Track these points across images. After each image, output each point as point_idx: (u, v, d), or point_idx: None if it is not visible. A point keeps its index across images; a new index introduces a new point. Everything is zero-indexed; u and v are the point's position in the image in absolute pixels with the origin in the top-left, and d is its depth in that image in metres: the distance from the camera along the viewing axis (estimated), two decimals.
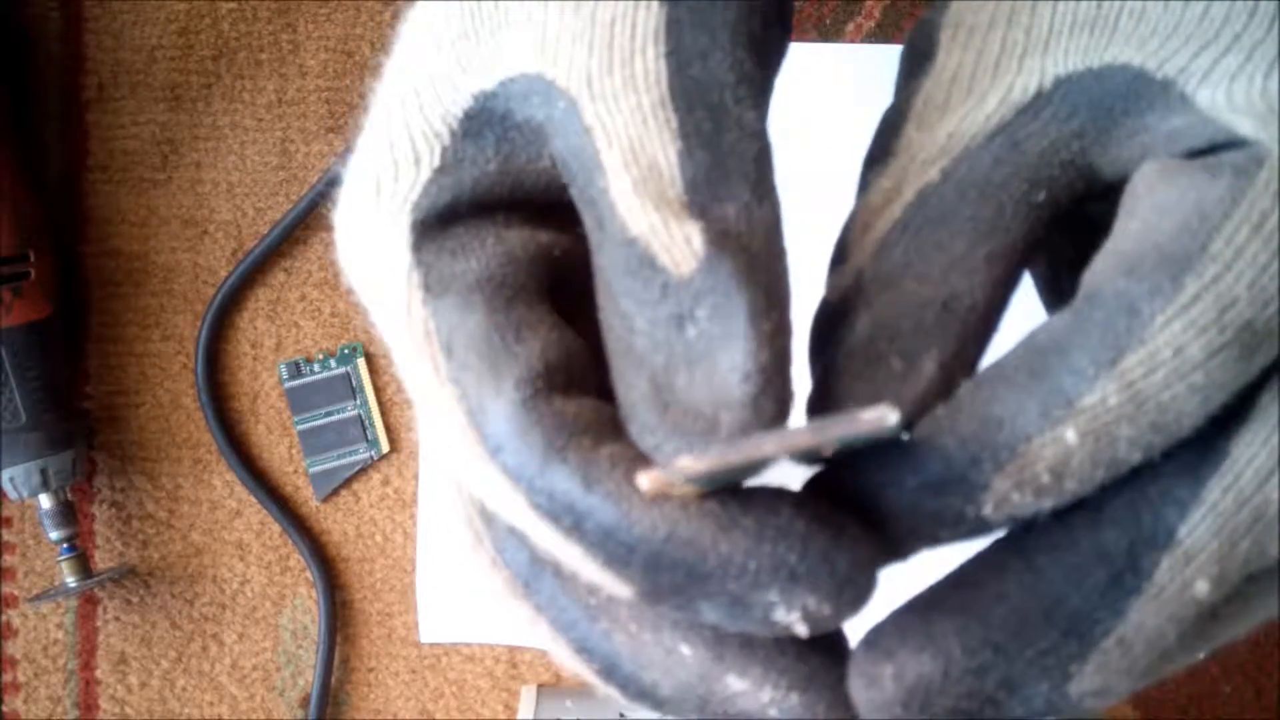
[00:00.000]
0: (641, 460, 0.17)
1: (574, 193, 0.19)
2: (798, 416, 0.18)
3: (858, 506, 0.18)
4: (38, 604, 0.46)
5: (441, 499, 0.46)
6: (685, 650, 0.18)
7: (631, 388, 0.18)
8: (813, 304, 0.22)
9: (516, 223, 0.20)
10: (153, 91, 0.46)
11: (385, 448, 0.46)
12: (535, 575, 0.19)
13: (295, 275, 0.46)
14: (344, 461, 0.46)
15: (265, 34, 0.46)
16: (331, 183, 0.45)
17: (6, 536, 0.46)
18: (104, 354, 0.46)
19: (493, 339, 0.18)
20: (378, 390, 0.46)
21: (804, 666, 0.18)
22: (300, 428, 0.46)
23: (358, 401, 0.46)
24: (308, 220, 0.46)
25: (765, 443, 0.16)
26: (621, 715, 0.44)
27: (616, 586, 0.17)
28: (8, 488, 0.42)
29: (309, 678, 0.46)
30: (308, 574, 0.46)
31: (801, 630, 0.17)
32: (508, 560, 0.19)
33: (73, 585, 0.43)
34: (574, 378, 0.18)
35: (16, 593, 0.46)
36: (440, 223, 0.19)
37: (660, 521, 0.17)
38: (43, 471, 0.43)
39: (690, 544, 0.17)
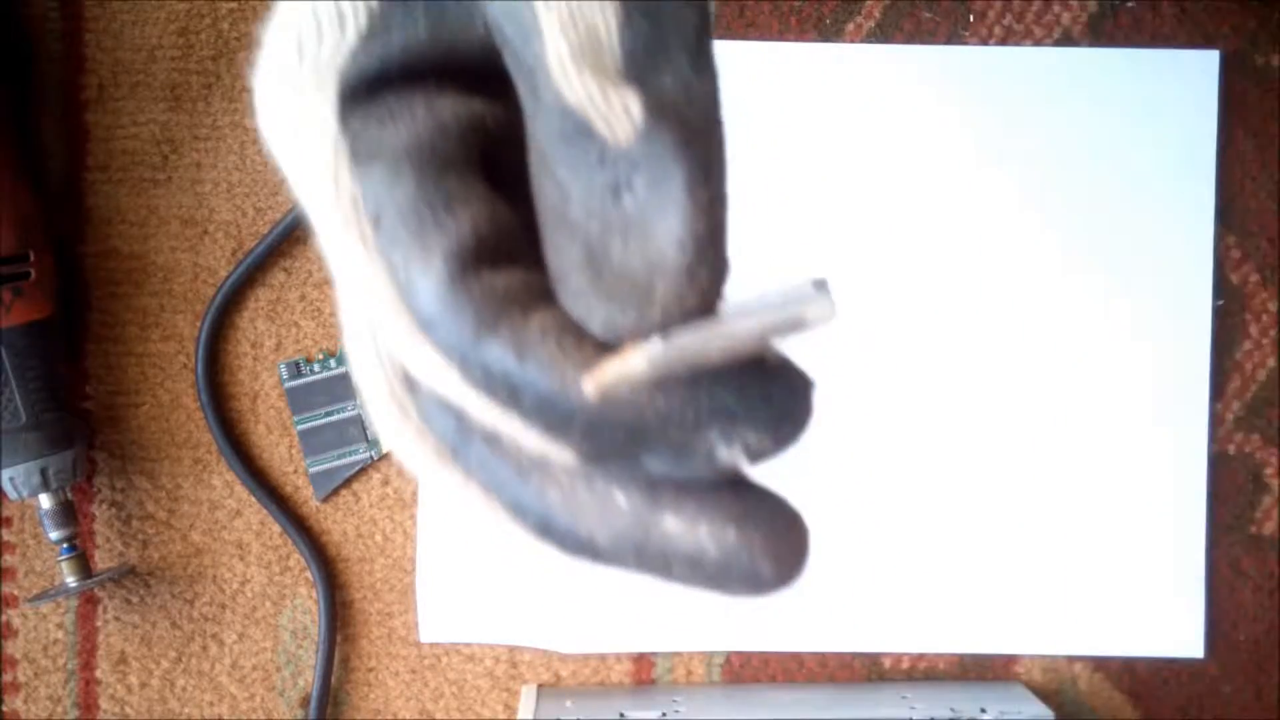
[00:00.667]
0: (572, 328, 0.17)
1: (509, 59, 0.18)
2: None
3: None
4: (38, 604, 0.46)
5: (442, 498, 0.46)
6: (620, 498, 0.18)
7: (564, 255, 0.18)
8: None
9: (448, 91, 0.19)
10: (153, 91, 0.46)
11: (385, 448, 0.46)
12: (463, 441, 0.19)
13: (295, 275, 0.46)
14: (344, 461, 0.46)
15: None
16: None
17: (6, 536, 0.46)
18: (104, 354, 0.46)
19: (422, 211, 0.18)
20: None
21: (739, 501, 0.18)
22: (300, 428, 0.46)
23: (358, 401, 0.46)
24: (308, 220, 0.46)
25: (713, 342, 0.16)
26: (621, 715, 0.44)
27: (557, 453, 0.18)
28: (8, 487, 0.42)
29: (309, 677, 0.46)
30: (308, 574, 0.46)
31: (743, 464, 0.18)
32: (435, 429, 0.19)
33: (73, 585, 0.43)
34: (504, 250, 0.18)
35: (16, 592, 0.46)
36: (367, 90, 0.19)
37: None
38: (43, 471, 0.42)
39: (628, 405, 0.17)
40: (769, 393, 0.17)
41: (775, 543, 0.18)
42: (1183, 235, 0.46)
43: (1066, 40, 0.46)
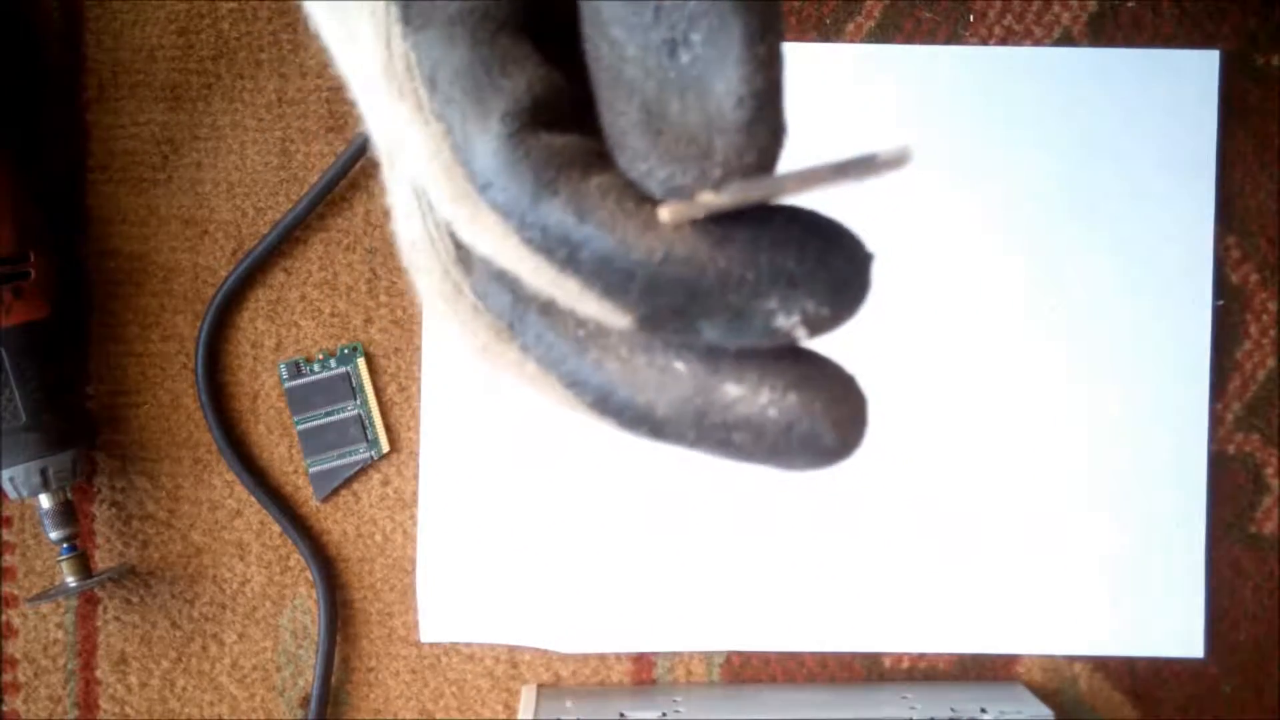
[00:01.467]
0: (631, 189, 0.17)
1: None
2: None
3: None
4: (38, 604, 0.46)
5: (442, 498, 0.46)
6: (680, 367, 0.18)
7: (621, 115, 0.17)
8: None
9: None
10: (153, 91, 0.46)
11: (385, 447, 0.46)
12: (519, 316, 0.19)
13: (295, 275, 0.46)
14: (344, 461, 0.46)
15: (265, 34, 0.46)
16: (332, 183, 0.45)
17: (6, 536, 0.46)
18: (104, 354, 0.46)
19: (477, 72, 0.17)
20: (378, 390, 0.46)
21: (798, 367, 0.18)
22: (300, 428, 0.46)
23: (358, 401, 0.46)
24: (308, 220, 0.46)
25: (788, 180, 0.16)
26: (621, 715, 0.44)
27: (614, 317, 0.18)
28: (8, 487, 0.42)
29: (309, 677, 0.46)
30: (308, 574, 0.46)
31: (802, 335, 0.17)
32: (490, 305, 0.19)
33: (73, 585, 0.43)
34: (560, 113, 0.18)
35: (16, 592, 0.46)
36: None
37: (657, 244, 0.17)
38: (43, 471, 0.42)
39: (688, 262, 0.17)
40: (829, 260, 0.17)
41: (837, 408, 0.18)
42: (1183, 235, 0.46)
43: (1066, 40, 0.46)
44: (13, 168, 0.43)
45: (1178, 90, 0.45)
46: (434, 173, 0.18)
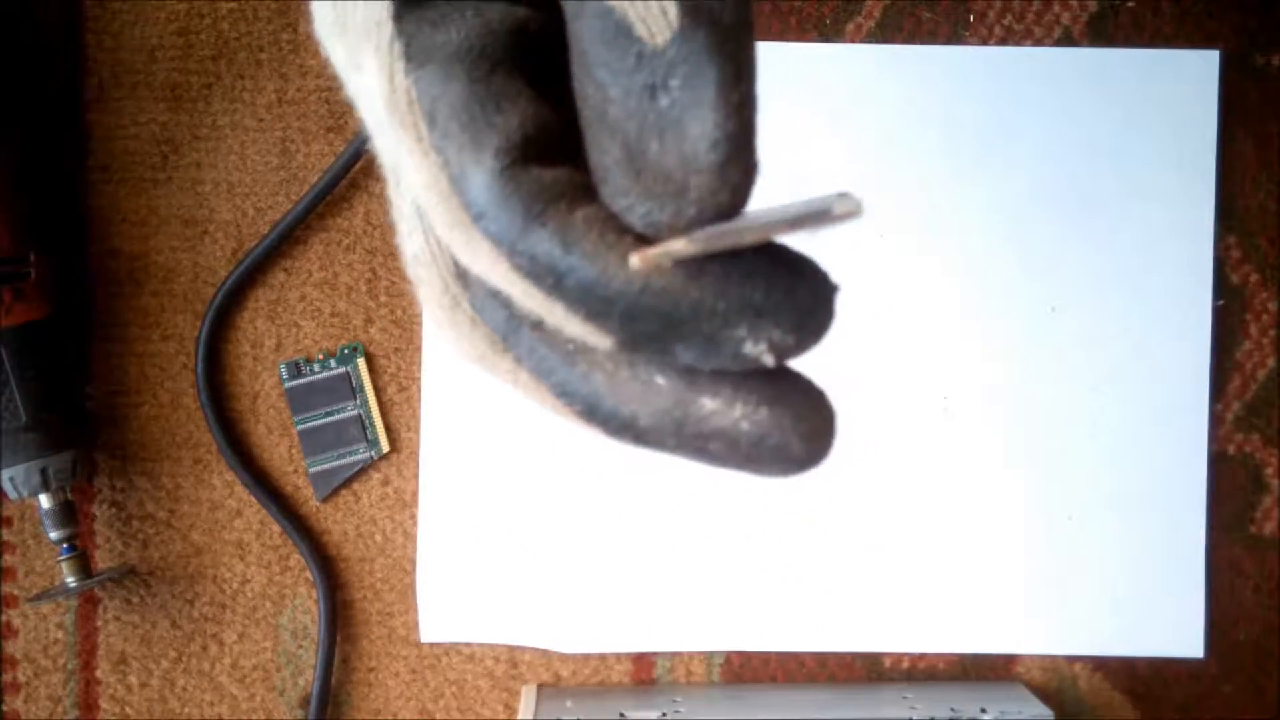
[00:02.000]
0: (613, 221, 0.19)
1: None
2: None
3: None
4: (38, 604, 0.46)
5: (442, 498, 0.46)
6: (660, 381, 0.19)
7: (605, 153, 0.19)
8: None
9: None
10: (153, 91, 0.46)
11: (385, 448, 0.46)
12: (513, 330, 0.20)
13: (295, 275, 0.46)
14: (344, 461, 0.46)
15: (265, 34, 0.46)
16: (332, 183, 0.45)
17: (7, 536, 0.46)
18: (104, 354, 0.46)
19: (473, 109, 0.19)
20: (378, 390, 0.46)
21: (771, 383, 0.19)
22: (300, 428, 0.46)
23: (358, 401, 0.46)
24: (308, 220, 0.46)
25: (749, 230, 0.17)
26: (621, 715, 0.44)
27: (597, 338, 0.19)
28: (8, 487, 0.42)
29: (309, 677, 0.46)
30: (308, 574, 0.46)
31: (769, 360, 0.19)
32: (486, 318, 0.20)
33: (73, 585, 0.43)
34: (549, 148, 0.19)
35: (17, 592, 0.46)
36: None
37: (635, 275, 0.18)
38: (43, 471, 0.43)
39: (664, 293, 0.18)
40: (795, 293, 0.18)
41: (805, 422, 0.19)
42: (1183, 235, 0.46)
43: (1067, 40, 0.46)
44: (13, 168, 0.43)
45: (1178, 90, 0.45)
46: (432, 200, 0.19)
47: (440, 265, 0.20)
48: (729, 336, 0.18)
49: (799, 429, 0.19)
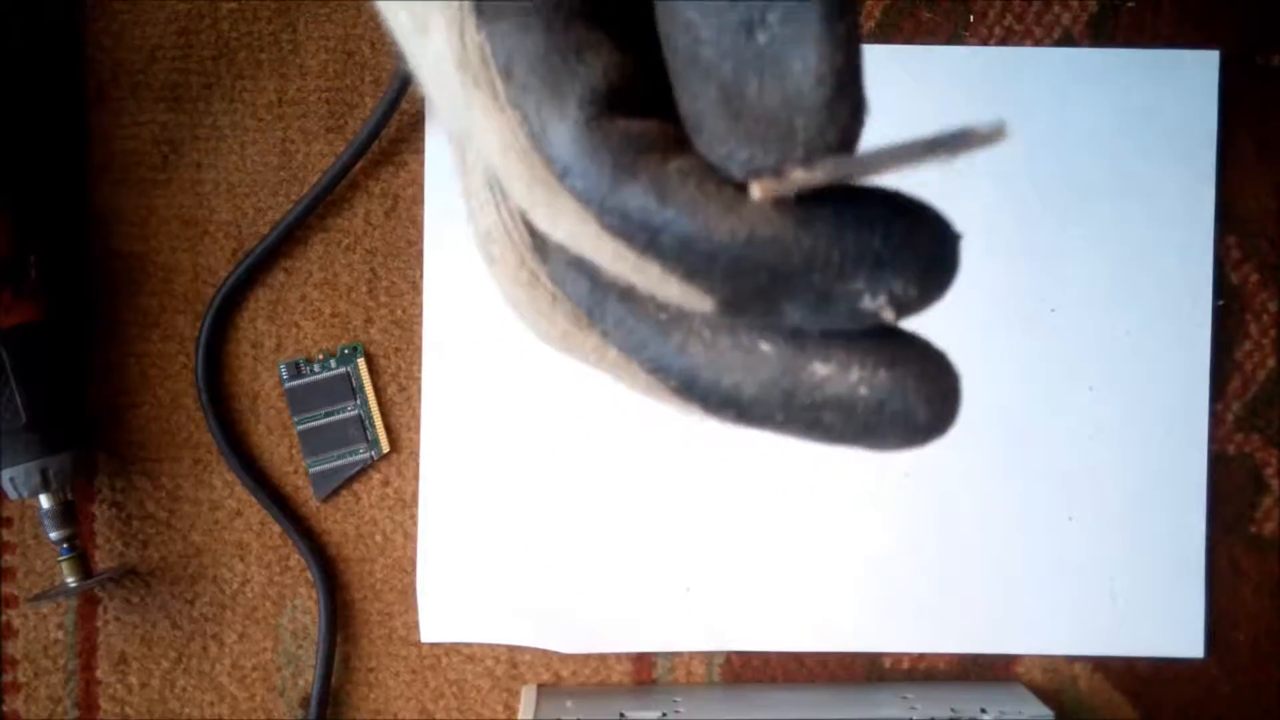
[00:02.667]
0: (711, 172, 0.17)
1: None
2: None
3: None
4: (38, 604, 0.46)
5: (442, 498, 0.46)
6: (766, 348, 0.18)
7: (698, 98, 0.17)
8: None
9: None
10: (153, 92, 0.46)
11: (385, 448, 0.46)
12: (598, 303, 0.19)
13: (295, 275, 0.46)
14: (344, 461, 0.46)
15: (265, 34, 0.46)
16: (332, 184, 0.45)
17: (7, 536, 0.46)
18: (104, 354, 0.46)
19: (553, 60, 0.17)
20: (378, 390, 0.46)
21: (887, 345, 0.18)
22: (300, 428, 0.46)
23: (358, 401, 0.46)
24: (308, 220, 0.46)
25: (881, 156, 0.16)
26: (621, 715, 0.44)
27: (697, 300, 0.17)
28: (8, 488, 0.42)
29: (309, 678, 0.46)
30: (308, 574, 0.46)
31: (889, 316, 0.17)
32: (568, 292, 0.19)
33: (73, 585, 0.43)
34: (636, 100, 0.18)
35: (17, 593, 0.46)
36: None
37: (739, 225, 0.17)
38: (43, 471, 0.42)
39: (772, 243, 0.17)
40: (916, 240, 0.17)
41: (929, 384, 0.18)
42: (1183, 235, 0.46)
43: (1067, 40, 0.46)
44: (13, 168, 0.43)
45: (1178, 90, 0.45)
46: (510, 161, 0.18)
47: (516, 238, 0.19)
48: (845, 290, 0.17)
49: (923, 392, 0.18)
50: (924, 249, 0.17)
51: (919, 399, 0.18)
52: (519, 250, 0.19)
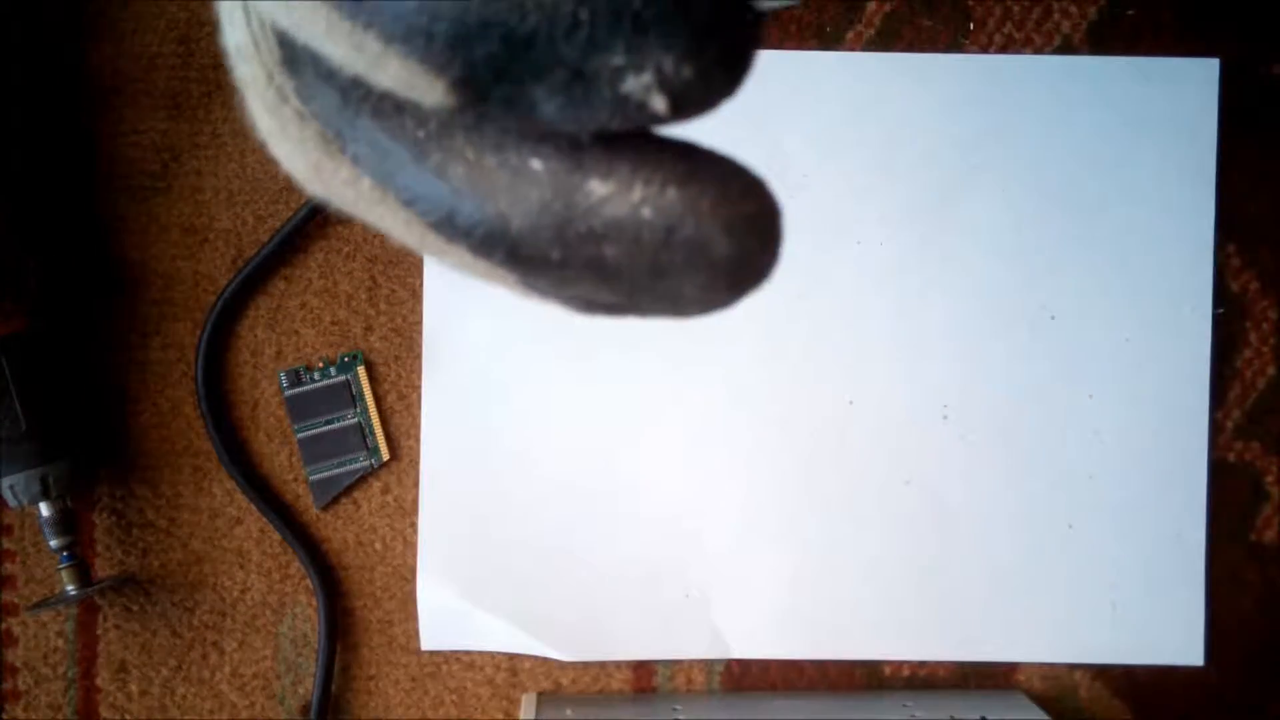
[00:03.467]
0: None
1: None
2: None
3: None
4: (38, 612, 0.46)
5: (442, 506, 0.46)
6: (537, 165, 0.15)
7: None
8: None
9: None
10: (153, 99, 0.46)
11: (385, 456, 0.46)
12: (349, 122, 0.16)
13: (295, 283, 0.46)
14: (344, 469, 0.46)
15: None
16: None
17: (7, 544, 0.46)
18: (104, 362, 0.46)
19: None
20: (378, 398, 0.46)
21: (683, 160, 0.15)
22: (300, 436, 0.46)
23: (358, 409, 0.46)
24: (308, 228, 0.46)
25: None
26: None
27: (427, 87, 0.15)
28: (8, 495, 0.42)
29: (309, 685, 0.46)
30: (308, 582, 0.46)
31: (659, 105, 0.14)
32: (318, 110, 0.17)
33: (73, 593, 0.43)
34: None
35: (17, 600, 0.46)
36: None
37: None
38: (43, 479, 0.42)
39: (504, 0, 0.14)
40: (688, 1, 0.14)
41: (728, 206, 0.15)
42: (1183, 243, 0.46)
43: (1067, 48, 0.46)
44: (12, 175, 0.43)
45: (1178, 98, 0.45)
46: None
47: (264, 52, 0.17)
48: (601, 66, 0.14)
49: (720, 216, 0.15)
50: (698, 11, 0.14)
51: (715, 224, 0.15)
52: (267, 66, 0.17)
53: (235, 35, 0.17)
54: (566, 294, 0.17)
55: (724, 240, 0.15)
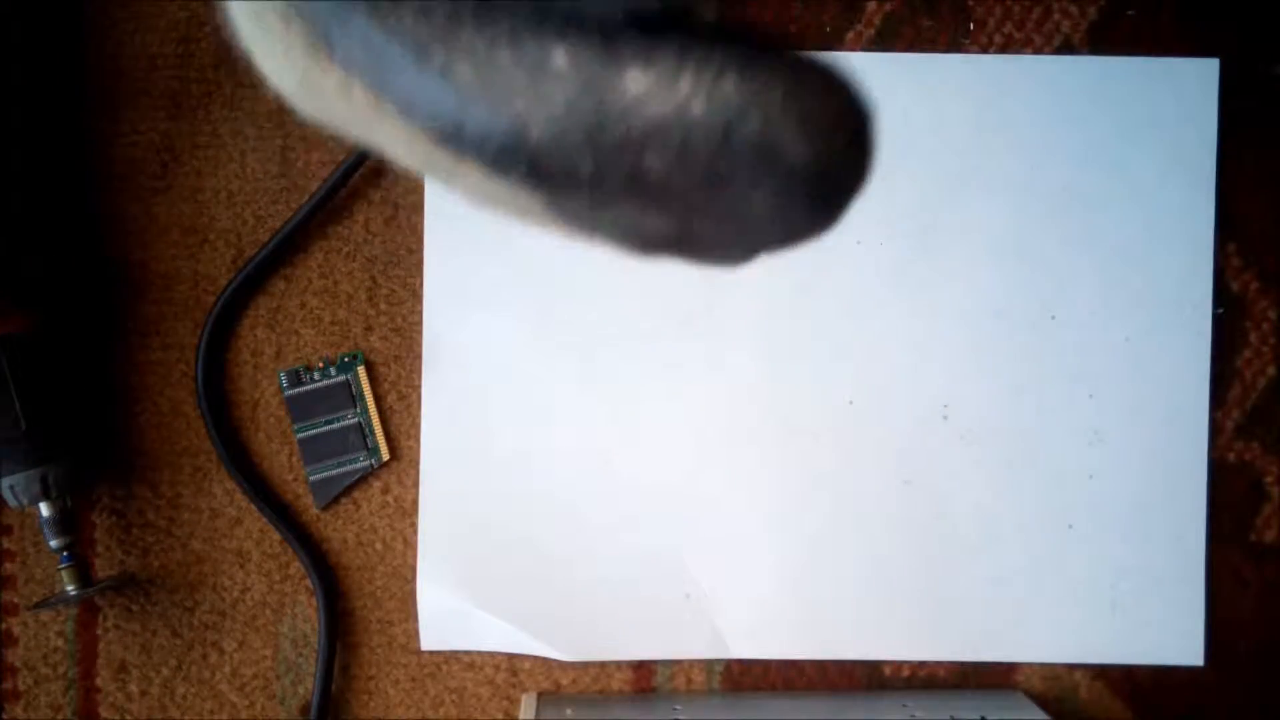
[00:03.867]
0: None
1: None
2: None
3: None
4: (38, 612, 0.46)
5: (442, 506, 0.46)
6: (559, 57, 0.13)
7: None
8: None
9: None
10: (153, 99, 0.46)
11: (385, 456, 0.46)
12: (341, 20, 0.14)
13: (295, 283, 0.46)
14: (344, 469, 0.46)
15: None
16: (332, 192, 0.45)
17: (7, 544, 0.46)
18: (104, 362, 0.46)
19: None
20: (378, 398, 0.46)
21: (738, 44, 0.13)
22: (300, 436, 0.46)
23: (358, 409, 0.46)
24: (308, 228, 0.46)
25: None
26: None
27: None
28: (8, 495, 0.42)
29: (309, 685, 0.46)
30: (308, 582, 0.46)
31: None
32: (304, 10, 0.15)
33: (73, 593, 0.43)
34: None
35: (17, 600, 0.46)
36: None
37: None
38: (43, 479, 0.42)
39: None
40: None
41: (808, 99, 0.12)
42: (1183, 243, 0.46)
43: (1067, 48, 0.46)
44: (12, 175, 0.43)
45: (1178, 98, 0.45)
46: None
47: None
48: None
49: (794, 110, 0.12)
50: None
51: (789, 121, 0.12)
52: None
53: None
54: (605, 222, 0.14)
55: (798, 138, 0.12)
